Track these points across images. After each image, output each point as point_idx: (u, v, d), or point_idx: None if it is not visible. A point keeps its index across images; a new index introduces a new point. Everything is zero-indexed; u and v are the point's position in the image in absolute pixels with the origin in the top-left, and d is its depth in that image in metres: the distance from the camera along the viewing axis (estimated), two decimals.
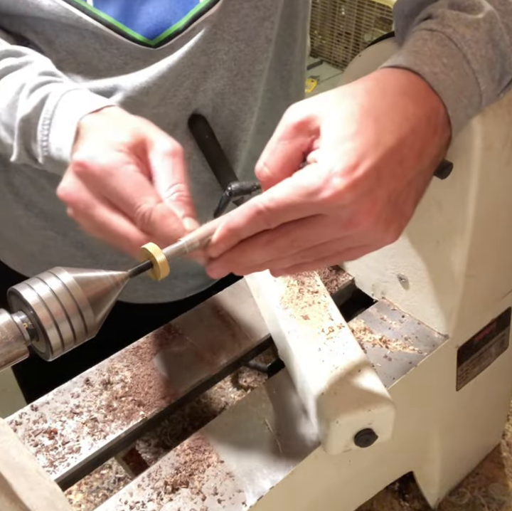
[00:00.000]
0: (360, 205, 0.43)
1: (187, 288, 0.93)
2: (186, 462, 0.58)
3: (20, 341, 0.42)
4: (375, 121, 0.44)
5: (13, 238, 0.89)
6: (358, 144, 0.43)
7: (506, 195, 0.62)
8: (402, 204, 0.47)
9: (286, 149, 0.47)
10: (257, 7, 0.71)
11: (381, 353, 0.66)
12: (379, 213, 0.44)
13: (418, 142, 0.45)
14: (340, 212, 0.44)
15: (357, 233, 0.45)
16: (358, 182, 0.43)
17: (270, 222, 0.46)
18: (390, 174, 0.44)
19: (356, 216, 0.44)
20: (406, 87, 0.46)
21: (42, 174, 0.79)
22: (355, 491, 0.73)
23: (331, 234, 0.46)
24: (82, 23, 0.66)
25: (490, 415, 0.90)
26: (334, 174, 0.43)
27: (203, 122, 0.75)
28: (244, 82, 0.76)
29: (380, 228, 0.45)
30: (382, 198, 0.44)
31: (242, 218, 0.46)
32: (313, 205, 0.44)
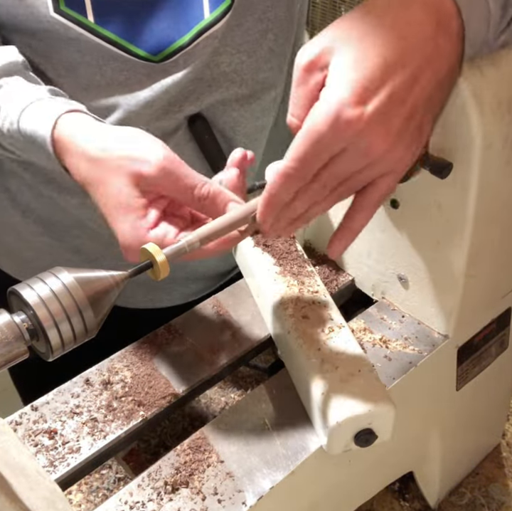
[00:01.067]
0: (376, 130, 0.43)
1: (186, 293, 0.93)
2: (186, 462, 0.58)
3: (20, 341, 0.42)
4: (381, 38, 0.43)
5: (10, 244, 0.89)
6: (363, 71, 0.42)
7: (506, 195, 0.62)
8: (420, 121, 0.45)
9: (305, 93, 0.46)
10: (261, 20, 0.71)
11: (381, 353, 0.66)
12: (396, 135, 0.43)
13: (430, 50, 0.43)
14: (357, 141, 0.43)
15: (379, 159, 0.45)
16: (368, 110, 0.42)
17: (303, 179, 0.46)
18: (404, 92, 0.43)
19: (374, 142, 0.43)
20: (417, 7, 0.44)
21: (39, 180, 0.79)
22: (355, 491, 0.73)
23: (355, 165, 0.45)
24: (82, 40, 0.66)
25: (490, 415, 0.90)
26: (342, 106, 0.42)
27: (203, 122, 0.75)
28: (248, 90, 0.75)
29: (400, 149, 0.45)
30: (397, 120, 0.43)
31: (278, 189, 0.47)
32: (332, 144, 0.43)
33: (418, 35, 0.43)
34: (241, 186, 0.56)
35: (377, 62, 0.42)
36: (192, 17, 0.67)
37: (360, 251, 0.73)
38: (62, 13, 0.64)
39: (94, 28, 0.66)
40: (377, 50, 0.43)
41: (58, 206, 0.81)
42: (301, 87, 0.46)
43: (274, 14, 0.71)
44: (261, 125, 0.80)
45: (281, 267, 0.70)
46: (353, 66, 0.43)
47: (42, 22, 0.65)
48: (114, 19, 0.66)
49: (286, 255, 0.72)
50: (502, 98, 0.55)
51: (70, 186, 0.79)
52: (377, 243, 0.69)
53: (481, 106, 0.53)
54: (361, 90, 0.42)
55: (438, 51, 0.44)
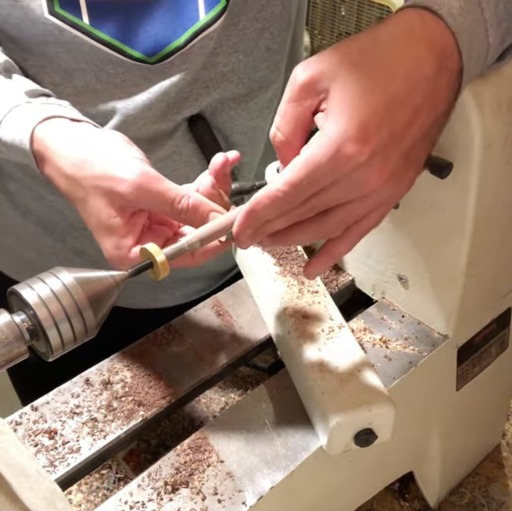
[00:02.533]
0: (374, 166, 0.43)
1: (187, 292, 0.93)
2: (186, 462, 0.58)
3: (20, 341, 0.42)
4: (385, 73, 0.43)
5: (10, 246, 0.89)
6: (365, 106, 0.42)
7: (506, 195, 0.62)
8: (416, 155, 0.45)
9: (296, 112, 0.46)
10: (256, 19, 0.71)
11: (381, 353, 0.66)
12: (393, 168, 0.44)
13: (431, 89, 0.43)
14: (354, 175, 0.43)
15: (372, 192, 0.45)
16: (369, 145, 0.42)
17: (291, 204, 0.45)
18: (404, 127, 0.43)
19: (370, 178, 0.43)
20: (419, 29, 0.44)
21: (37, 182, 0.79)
22: (355, 491, 0.73)
23: (347, 196, 0.45)
24: (77, 42, 0.65)
25: (490, 415, 0.90)
26: (344, 141, 0.42)
27: (203, 122, 0.75)
28: (245, 89, 0.75)
29: (394, 183, 0.45)
30: (396, 154, 0.43)
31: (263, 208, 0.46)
32: (328, 176, 0.43)
33: (421, 72, 0.43)
34: (218, 194, 0.55)
35: (379, 98, 0.42)
36: (187, 18, 0.67)
37: (360, 251, 0.73)
38: (56, 14, 0.64)
39: (89, 30, 0.65)
40: (381, 86, 0.43)
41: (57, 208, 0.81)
42: (294, 105, 0.46)
43: (270, 13, 0.71)
44: (258, 124, 0.80)
45: (281, 267, 0.70)
46: (356, 100, 0.42)
47: (36, 24, 0.64)
48: (109, 21, 0.66)
49: (286, 255, 0.72)
50: (502, 98, 0.55)
51: None
52: (377, 243, 0.69)
53: (481, 106, 0.53)
54: (363, 126, 0.42)
55: (438, 89, 0.44)
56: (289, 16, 0.74)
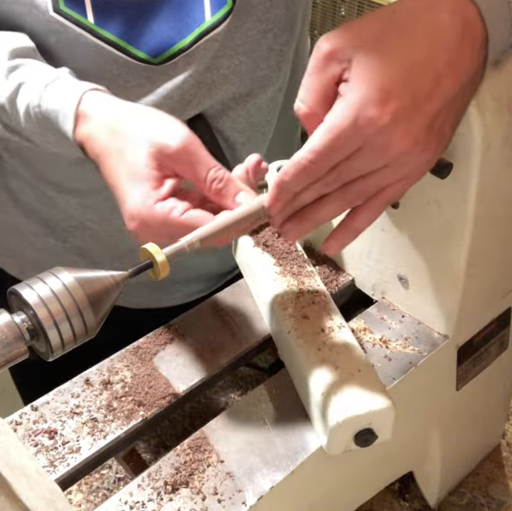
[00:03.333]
0: (396, 129, 0.42)
1: (189, 292, 0.93)
2: (186, 462, 0.58)
3: (20, 342, 0.42)
4: (406, 40, 0.43)
5: (12, 245, 0.89)
6: (387, 70, 0.42)
7: (506, 195, 0.62)
8: (441, 126, 0.45)
9: (319, 82, 0.46)
10: (260, 21, 0.71)
11: (381, 353, 0.66)
12: (416, 135, 0.43)
13: (454, 56, 0.43)
14: (376, 139, 0.43)
15: (396, 159, 0.44)
16: (390, 108, 0.42)
17: (317, 173, 0.45)
18: (427, 94, 0.43)
19: (392, 141, 0.43)
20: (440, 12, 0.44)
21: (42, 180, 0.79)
22: (355, 491, 0.73)
23: (371, 163, 0.45)
24: (81, 41, 0.65)
25: (490, 415, 0.90)
26: (365, 104, 0.42)
27: (203, 122, 0.75)
28: (245, 89, 0.75)
29: (418, 152, 0.44)
30: (418, 121, 0.43)
31: (291, 177, 0.46)
32: (352, 141, 0.43)
33: (443, 38, 0.43)
34: (252, 183, 0.56)
35: (401, 63, 0.42)
36: (193, 20, 0.67)
37: (360, 251, 0.72)
38: (61, 12, 0.64)
39: (94, 28, 0.65)
40: (402, 51, 0.43)
41: (60, 207, 0.81)
42: (317, 75, 0.46)
43: (274, 14, 0.71)
44: (257, 122, 0.80)
45: (281, 267, 0.70)
46: (377, 65, 0.43)
47: (41, 22, 0.64)
48: (115, 20, 0.66)
49: (286, 255, 0.72)
50: (502, 98, 0.55)
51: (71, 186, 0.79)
52: (377, 243, 0.69)
53: (481, 106, 0.53)
54: (384, 90, 0.42)
55: (461, 56, 0.44)
56: (292, 17, 0.74)
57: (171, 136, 0.53)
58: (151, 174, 0.54)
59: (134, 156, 0.54)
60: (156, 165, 0.54)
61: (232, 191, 0.53)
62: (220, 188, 0.53)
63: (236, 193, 0.54)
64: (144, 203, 0.53)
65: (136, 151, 0.54)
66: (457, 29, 0.44)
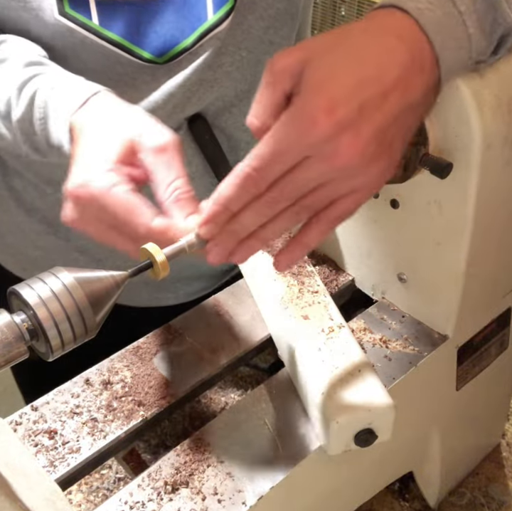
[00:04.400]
0: (342, 138, 0.42)
1: (191, 291, 0.93)
2: (186, 462, 0.58)
3: (20, 342, 0.42)
4: (357, 57, 0.44)
5: (14, 243, 0.89)
6: (335, 81, 0.43)
7: (506, 195, 0.62)
8: (390, 140, 0.45)
9: (271, 96, 0.46)
10: (262, 17, 0.71)
11: (381, 353, 0.66)
12: (364, 146, 0.43)
13: (402, 75, 0.44)
14: (323, 148, 0.43)
15: (344, 169, 0.44)
16: (337, 115, 0.42)
17: (259, 183, 0.44)
18: (374, 107, 0.43)
19: (338, 150, 0.43)
20: (390, 24, 0.46)
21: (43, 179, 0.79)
22: (355, 491, 0.73)
23: (318, 174, 0.44)
24: (87, 43, 0.66)
25: (490, 415, 0.90)
26: (311, 111, 0.42)
27: (203, 122, 0.75)
28: (247, 85, 0.75)
29: (367, 163, 0.44)
30: (366, 131, 0.43)
31: (232, 188, 0.45)
32: (296, 148, 0.43)
33: (392, 60, 0.44)
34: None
35: (350, 76, 0.43)
36: (196, 18, 0.67)
37: (360, 251, 0.73)
38: (66, 15, 0.64)
39: (99, 30, 0.65)
40: (351, 66, 0.43)
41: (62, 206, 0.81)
42: (268, 90, 0.46)
43: (276, 10, 0.71)
44: None
45: None
46: (326, 76, 0.43)
47: (46, 25, 0.65)
48: (119, 21, 0.66)
49: None
50: (502, 98, 0.55)
51: None
52: (377, 242, 0.69)
53: (481, 106, 0.53)
54: (331, 98, 0.42)
55: (410, 76, 0.44)
56: (294, 11, 0.75)
57: (159, 133, 0.53)
58: (118, 151, 0.52)
59: (111, 135, 0.53)
60: (128, 151, 0.52)
61: (188, 209, 0.51)
62: (180, 199, 0.51)
63: (191, 212, 0.51)
64: (95, 168, 0.51)
65: (115, 133, 0.53)
66: (405, 52, 0.44)
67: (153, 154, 0.52)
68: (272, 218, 0.47)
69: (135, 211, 0.50)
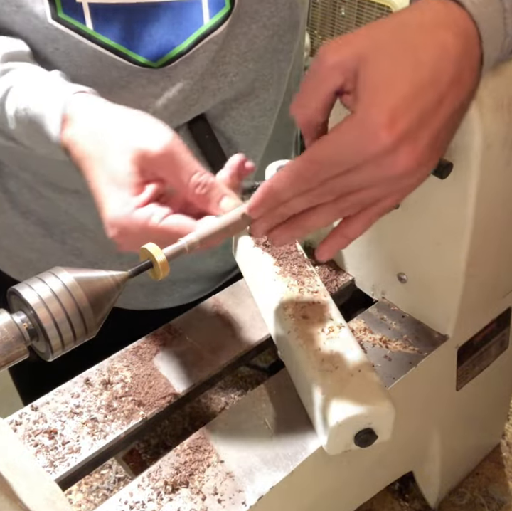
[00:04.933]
0: (402, 148, 0.43)
1: (187, 294, 0.93)
2: (186, 462, 0.58)
3: (20, 342, 0.42)
4: (413, 58, 0.43)
5: (10, 246, 0.89)
6: (395, 89, 0.42)
7: (506, 195, 0.62)
8: (441, 142, 0.45)
9: (321, 90, 0.46)
10: (266, 26, 0.70)
11: (381, 353, 0.66)
12: (420, 155, 0.43)
13: (456, 75, 0.44)
14: (381, 159, 0.43)
15: (398, 178, 0.44)
16: (397, 130, 0.42)
17: (312, 182, 0.45)
18: (431, 114, 0.43)
19: (398, 160, 0.43)
20: (444, 16, 0.44)
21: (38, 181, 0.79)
22: (355, 491, 0.73)
23: (371, 179, 0.45)
24: (81, 47, 0.65)
25: (490, 415, 0.90)
26: (373, 124, 0.42)
27: (203, 122, 0.75)
28: (248, 88, 0.75)
29: (420, 168, 0.45)
30: (423, 139, 0.43)
31: (284, 183, 0.46)
32: (354, 158, 0.43)
33: (447, 59, 0.43)
34: (234, 188, 0.56)
35: (409, 82, 0.43)
36: (191, 23, 0.67)
37: (360, 251, 0.73)
38: (60, 20, 0.64)
39: (93, 35, 0.65)
40: (410, 69, 0.43)
41: (58, 208, 0.81)
42: (318, 84, 0.45)
43: (279, 18, 0.71)
44: (261, 124, 0.80)
45: (281, 267, 0.70)
46: (386, 83, 0.43)
47: (39, 30, 0.64)
48: (113, 26, 0.65)
49: (286, 255, 0.72)
50: (502, 98, 0.55)
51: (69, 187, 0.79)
52: (377, 243, 0.69)
53: (481, 106, 0.53)
54: (392, 110, 0.42)
55: (462, 75, 0.44)
56: (296, 16, 0.74)
57: (154, 140, 0.53)
58: (131, 180, 0.53)
59: (115, 161, 0.54)
60: (138, 170, 0.53)
61: (216, 197, 0.53)
62: (204, 193, 0.53)
63: (220, 198, 0.53)
64: (123, 210, 0.53)
65: (117, 157, 0.54)
66: (460, 49, 0.44)
67: (160, 163, 0.53)
68: (316, 208, 0.48)
69: (177, 231, 0.51)
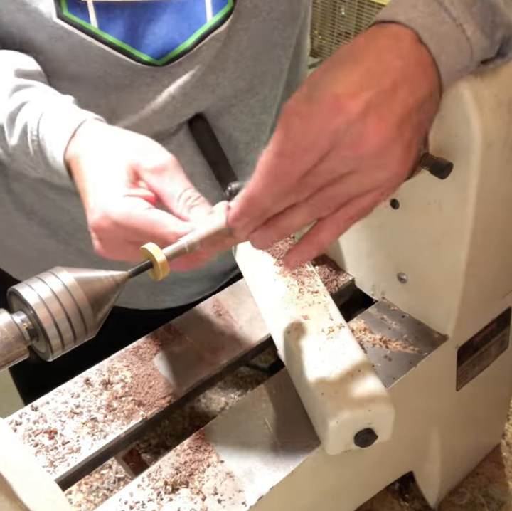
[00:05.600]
0: (368, 120, 0.42)
1: (188, 293, 0.93)
2: (186, 462, 0.58)
3: (20, 342, 0.42)
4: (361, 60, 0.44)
5: (13, 246, 0.89)
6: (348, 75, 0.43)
7: (506, 195, 0.62)
8: (409, 137, 0.45)
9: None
10: (265, 21, 0.71)
11: (381, 353, 0.66)
12: (387, 132, 0.43)
13: (407, 71, 0.44)
14: (348, 132, 0.43)
15: (367, 159, 0.44)
16: (360, 98, 0.42)
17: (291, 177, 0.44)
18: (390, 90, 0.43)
19: (365, 133, 0.43)
20: (384, 40, 0.46)
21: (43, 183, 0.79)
22: (355, 491, 0.73)
23: (342, 164, 0.44)
24: (85, 45, 0.65)
25: (490, 415, 0.90)
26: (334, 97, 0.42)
27: (203, 122, 0.75)
28: (247, 84, 0.75)
29: (389, 153, 0.44)
30: (388, 116, 0.43)
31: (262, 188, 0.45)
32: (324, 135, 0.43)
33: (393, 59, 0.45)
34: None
35: (361, 69, 0.44)
36: (195, 20, 0.67)
37: (360, 251, 0.73)
38: (65, 18, 0.64)
39: (98, 33, 0.65)
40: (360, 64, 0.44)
41: (62, 209, 0.81)
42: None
43: (279, 12, 0.71)
44: (261, 122, 0.80)
45: (281, 267, 0.70)
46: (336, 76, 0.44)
47: (44, 28, 0.64)
48: (117, 24, 0.66)
49: None
50: (502, 98, 0.55)
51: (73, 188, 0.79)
52: (377, 243, 0.69)
53: (481, 106, 0.53)
54: (352, 84, 0.43)
55: (414, 74, 0.45)
56: (296, 10, 0.74)
57: (156, 154, 0.55)
58: (125, 178, 0.54)
59: (113, 164, 0.55)
60: (133, 176, 0.55)
61: (205, 211, 0.53)
62: (194, 205, 0.53)
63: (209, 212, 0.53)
64: (110, 197, 0.53)
65: (116, 161, 0.55)
66: (404, 50, 0.45)
67: (156, 174, 0.54)
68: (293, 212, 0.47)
69: (160, 223, 0.52)
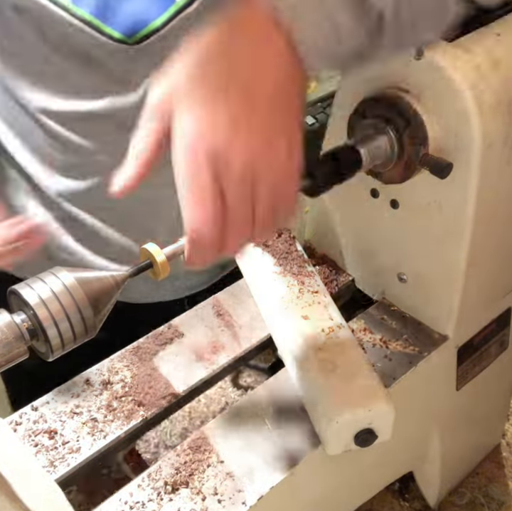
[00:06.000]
0: (233, 143, 0.43)
1: (189, 285, 0.93)
2: (186, 462, 0.58)
3: (20, 342, 0.42)
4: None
5: None
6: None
7: (506, 195, 0.62)
8: (273, 120, 0.44)
9: (151, 134, 0.46)
10: None
11: (381, 353, 0.66)
12: (250, 124, 0.43)
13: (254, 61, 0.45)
14: (220, 159, 0.43)
15: (249, 165, 0.43)
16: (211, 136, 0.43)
17: (215, 200, 0.43)
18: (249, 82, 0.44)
19: (231, 153, 0.43)
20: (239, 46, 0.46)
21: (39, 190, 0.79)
22: (355, 491, 0.73)
23: (236, 180, 0.43)
24: (56, 18, 0.64)
25: (490, 415, 0.90)
26: (188, 147, 0.43)
27: None
28: None
29: (262, 139, 0.43)
30: (254, 121, 0.43)
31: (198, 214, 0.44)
32: (205, 166, 0.43)
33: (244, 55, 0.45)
34: None
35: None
36: None
37: (360, 251, 0.73)
38: None
39: (69, 7, 0.64)
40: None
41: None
42: (148, 126, 0.47)
43: None
44: None
45: (281, 267, 0.70)
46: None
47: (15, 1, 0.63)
48: None
49: (286, 255, 0.72)
50: (502, 98, 0.55)
51: None
52: (377, 242, 0.69)
53: (481, 106, 0.53)
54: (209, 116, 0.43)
55: (261, 63, 0.45)
56: None
57: None
58: None
59: None
60: None
61: None
62: None
63: None
64: None
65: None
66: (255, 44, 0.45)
67: None
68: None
69: None
